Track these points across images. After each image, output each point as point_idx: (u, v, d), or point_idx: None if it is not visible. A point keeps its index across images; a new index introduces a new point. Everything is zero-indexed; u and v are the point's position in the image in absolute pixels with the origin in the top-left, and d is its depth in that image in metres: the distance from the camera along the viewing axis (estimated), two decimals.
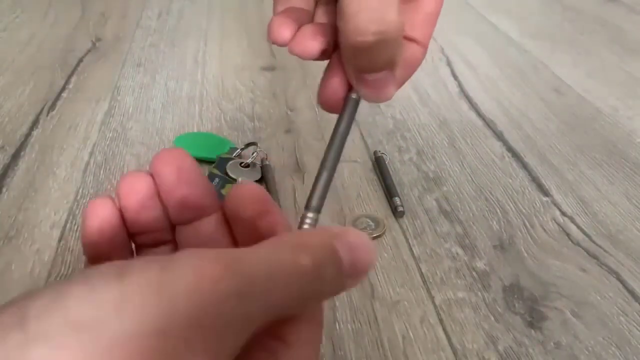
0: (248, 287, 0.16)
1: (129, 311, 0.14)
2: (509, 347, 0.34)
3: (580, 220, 0.45)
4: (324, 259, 0.18)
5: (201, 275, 0.15)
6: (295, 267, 0.17)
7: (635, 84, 0.68)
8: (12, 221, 0.43)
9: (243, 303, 0.16)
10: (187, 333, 0.15)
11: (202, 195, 0.22)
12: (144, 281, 0.15)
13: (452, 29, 0.83)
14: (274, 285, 0.16)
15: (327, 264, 0.18)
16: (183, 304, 0.15)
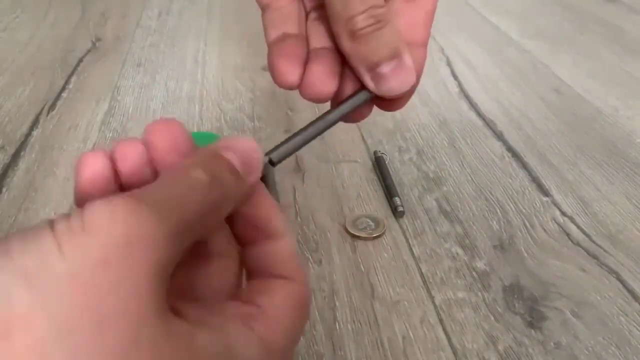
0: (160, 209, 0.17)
1: (68, 252, 0.15)
2: (509, 347, 0.34)
3: (580, 220, 0.45)
4: (215, 167, 0.20)
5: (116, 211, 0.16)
6: (194, 182, 0.19)
7: (635, 84, 0.68)
8: (12, 221, 0.43)
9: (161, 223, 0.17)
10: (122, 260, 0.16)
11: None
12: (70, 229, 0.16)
13: (452, 29, 0.83)
14: (184, 205, 0.18)
15: (220, 170, 0.20)
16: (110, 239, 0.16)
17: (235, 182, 0.21)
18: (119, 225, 0.16)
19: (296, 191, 0.47)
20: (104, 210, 0.16)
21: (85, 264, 0.15)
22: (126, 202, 0.17)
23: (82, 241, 0.16)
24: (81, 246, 0.16)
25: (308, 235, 0.42)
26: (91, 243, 0.16)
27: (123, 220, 0.16)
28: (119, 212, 0.16)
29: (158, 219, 0.17)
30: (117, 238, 0.16)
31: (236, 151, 0.21)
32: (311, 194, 0.47)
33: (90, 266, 0.15)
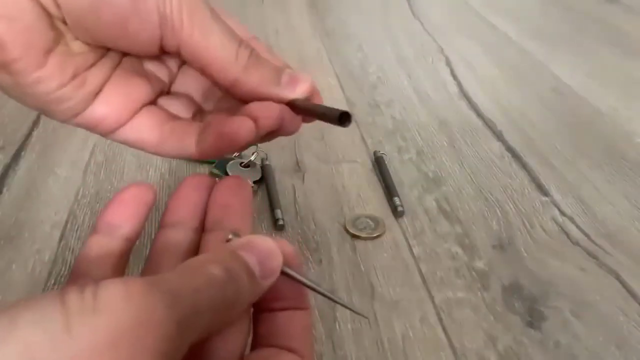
0: (173, 299, 0.17)
1: (76, 331, 0.15)
2: (508, 347, 0.34)
3: (580, 220, 0.45)
4: (233, 267, 0.20)
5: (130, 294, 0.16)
6: (210, 277, 0.19)
7: (634, 84, 0.68)
8: (12, 221, 0.44)
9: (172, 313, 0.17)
10: (129, 346, 0.16)
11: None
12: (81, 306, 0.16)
13: (452, 29, 0.83)
14: (195, 294, 0.18)
15: (238, 270, 0.20)
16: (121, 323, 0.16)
17: (251, 285, 0.21)
18: (132, 308, 0.16)
19: (296, 191, 0.47)
20: (119, 290, 0.16)
21: (93, 345, 0.15)
22: (142, 285, 0.17)
23: (92, 321, 0.15)
24: (91, 326, 0.15)
25: (308, 235, 0.43)
26: (101, 323, 0.15)
27: (136, 304, 0.16)
28: (133, 294, 0.16)
29: (170, 308, 0.17)
30: (128, 321, 0.16)
31: (256, 253, 0.21)
32: (311, 194, 0.47)
33: (97, 347, 0.15)
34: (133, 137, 0.28)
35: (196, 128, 0.28)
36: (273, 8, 0.90)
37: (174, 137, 0.28)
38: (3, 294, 0.37)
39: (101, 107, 0.27)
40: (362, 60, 0.73)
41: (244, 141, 0.26)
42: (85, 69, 0.26)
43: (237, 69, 0.26)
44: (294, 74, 0.28)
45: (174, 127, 0.28)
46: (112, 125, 0.27)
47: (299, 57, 0.73)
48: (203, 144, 0.27)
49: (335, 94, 0.64)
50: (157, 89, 0.29)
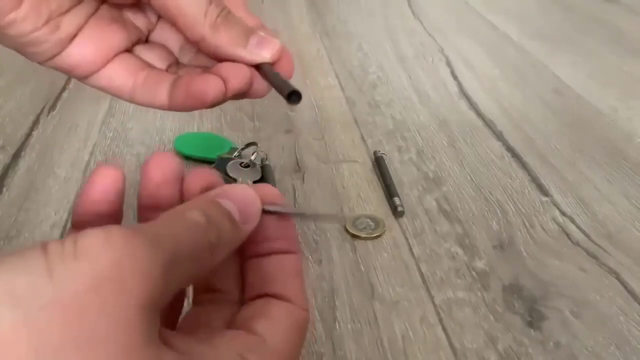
0: (153, 242, 0.17)
1: (58, 275, 0.15)
2: (508, 347, 0.34)
3: (580, 220, 0.45)
4: (212, 212, 0.20)
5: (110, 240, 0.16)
6: (190, 222, 0.19)
7: (634, 84, 0.68)
8: (12, 221, 0.44)
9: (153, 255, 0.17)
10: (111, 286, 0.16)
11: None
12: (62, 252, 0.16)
13: (452, 29, 0.83)
14: (176, 237, 0.18)
15: (218, 216, 0.21)
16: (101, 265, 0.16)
17: (232, 229, 0.21)
18: (112, 253, 0.16)
19: (296, 191, 0.47)
20: (99, 236, 0.16)
21: (75, 288, 0.15)
22: (122, 232, 0.17)
23: (73, 265, 0.15)
24: (72, 270, 0.15)
25: (308, 235, 0.43)
26: (82, 268, 0.15)
27: (117, 249, 0.16)
28: (114, 240, 0.16)
29: (152, 252, 0.17)
30: (109, 265, 0.16)
31: (234, 200, 0.22)
32: (311, 194, 0.47)
33: (79, 291, 0.15)
34: (107, 83, 0.29)
35: (169, 79, 0.28)
36: (273, 8, 0.90)
37: (147, 86, 0.28)
38: None
39: (75, 52, 0.28)
40: (362, 60, 0.73)
41: (212, 100, 0.26)
42: (59, 14, 0.27)
43: (205, 26, 0.26)
44: (263, 37, 0.28)
45: (147, 76, 0.29)
46: (87, 70, 0.28)
47: (299, 57, 0.73)
48: (173, 98, 0.27)
49: (335, 93, 0.64)
50: (134, 37, 0.30)
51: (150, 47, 0.31)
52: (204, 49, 0.28)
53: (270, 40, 0.29)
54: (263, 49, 0.28)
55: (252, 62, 0.28)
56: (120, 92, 0.29)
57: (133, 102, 0.29)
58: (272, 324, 0.21)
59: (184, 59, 0.31)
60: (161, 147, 0.53)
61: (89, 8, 0.28)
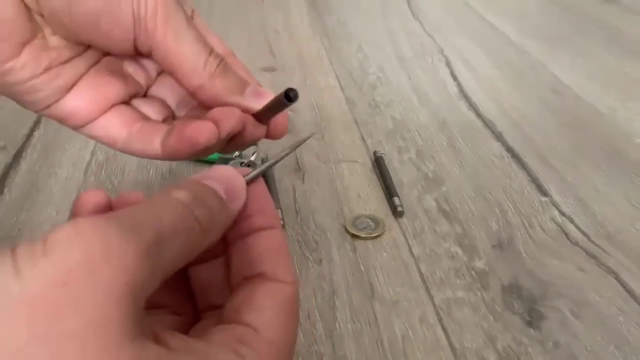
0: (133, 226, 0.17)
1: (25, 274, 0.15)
2: (507, 347, 0.35)
3: (579, 220, 0.45)
4: (198, 190, 0.21)
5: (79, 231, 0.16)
6: (174, 203, 0.19)
7: (633, 84, 0.68)
8: (13, 221, 0.44)
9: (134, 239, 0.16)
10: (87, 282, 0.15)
11: None
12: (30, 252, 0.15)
13: (452, 29, 0.83)
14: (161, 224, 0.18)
15: (204, 194, 0.21)
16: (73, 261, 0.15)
17: (220, 208, 0.21)
18: (82, 245, 0.15)
19: (296, 191, 0.48)
20: (67, 230, 0.16)
21: (42, 285, 0.15)
22: (92, 222, 0.16)
23: (41, 262, 0.15)
24: (39, 267, 0.15)
25: (308, 235, 0.43)
26: (50, 264, 0.15)
27: (86, 240, 0.16)
28: (82, 232, 0.16)
29: (128, 239, 0.16)
30: (78, 258, 0.15)
31: (218, 180, 0.22)
32: (311, 194, 0.47)
33: (46, 287, 0.15)
34: (101, 133, 0.29)
35: (163, 129, 0.28)
36: (273, 8, 0.90)
37: (141, 137, 0.28)
38: None
39: (72, 101, 0.28)
40: (362, 60, 0.73)
41: (205, 144, 0.26)
42: (59, 63, 0.27)
43: (204, 75, 0.27)
44: (258, 89, 0.29)
45: (142, 127, 0.29)
46: (82, 120, 0.28)
47: (299, 57, 0.73)
48: (166, 145, 0.27)
49: (335, 94, 0.64)
50: (132, 91, 0.30)
51: (148, 101, 0.31)
52: (201, 96, 0.28)
53: (265, 91, 0.29)
54: (259, 98, 0.29)
55: (248, 108, 0.29)
56: (113, 142, 0.29)
57: (125, 152, 0.29)
58: (260, 312, 0.21)
59: (181, 113, 0.32)
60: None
61: (89, 59, 0.28)
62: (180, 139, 0.26)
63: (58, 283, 0.15)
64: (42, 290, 0.15)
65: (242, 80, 0.29)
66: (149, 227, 0.17)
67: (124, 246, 0.16)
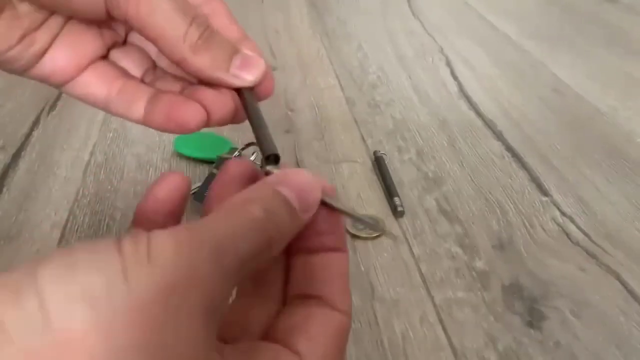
0: (218, 247, 0.18)
1: (132, 279, 0.15)
2: (508, 347, 0.34)
3: (580, 220, 0.45)
4: (272, 204, 0.20)
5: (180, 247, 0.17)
6: (251, 219, 0.19)
7: (634, 84, 0.68)
8: (12, 221, 0.44)
9: (218, 262, 0.17)
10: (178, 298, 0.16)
11: None
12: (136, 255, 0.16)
13: (452, 29, 0.83)
14: (238, 239, 0.18)
15: (277, 207, 0.20)
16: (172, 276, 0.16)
17: (290, 220, 0.21)
18: (182, 263, 0.16)
19: None
20: (170, 244, 0.17)
21: (147, 296, 0.15)
22: (190, 239, 0.17)
23: (146, 272, 0.16)
24: (145, 277, 0.16)
25: None
26: (154, 274, 0.16)
27: (186, 258, 0.16)
28: (183, 249, 0.17)
29: (216, 258, 0.17)
30: (178, 274, 0.16)
31: (293, 187, 0.21)
32: None
33: (151, 298, 0.15)
34: (82, 91, 0.28)
35: (145, 93, 0.27)
36: (273, 8, 0.90)
37: (122, 98, 0.28)
38: None
39: (49, 62, 0.27)
40: (362, 60, 0.73)
41: (193, 128, 0.26)
42: (33, 30, 0.26)
43: (185, 48, 0.25)
44: (246, 59, 0.27)
45: (122, 87, 0.28)
46: (61, 80, 0.28)
47: (299, 57, 0.73)
48: (152, 118, 0.27)
49: (335, 93, 0.64)
50: (110, 42, 0.29)
51: (127, 51, 0.30)
52: (185, 69, 0.27)
53: (253, 61, 0.27)
54: (246, 71, 0.27)
55: (233, 86, 0.27)
56: (95, 101, 0.28)
57: (108, 111, 0.28)
58: (313, 343, 0.21)
59: (162, 62, 0.31)
60: (161, 147, 0.53)
61: (61, 18, 0.27)
62: (168, 118, 0.26)
63: (159, 296, 0.16)
64: (147, 300, 0.15)
65: (229, 50, 0.27)
66: (231, 250, 0.18)
67: (214, 269, 0.17)
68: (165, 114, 0.26)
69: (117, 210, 0.45)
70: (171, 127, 0.26)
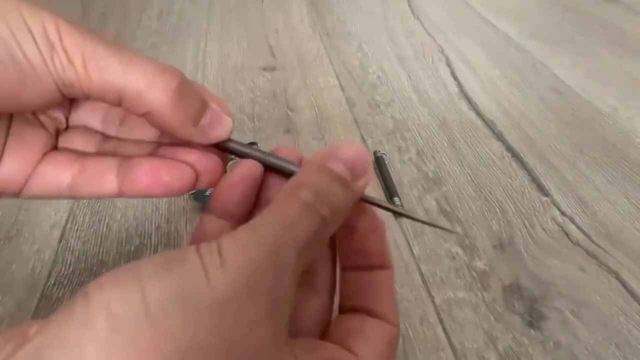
0: (277, 244, 0.19)
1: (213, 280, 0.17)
2: (508, 347, 0.34)
3: (580, 220, 0.45)
4: (321, 183, 0.21)
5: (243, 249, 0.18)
6: (300, 204, 0.20)
7: (634, 84, 0.68)
8: (12, 221, 0.44)
9: (280, 256, 0.18)
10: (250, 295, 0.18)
11: None
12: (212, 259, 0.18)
13: (452, 29, 0.83)
14: (293, 229, 0.19)
15: (327, 184, 0.21)
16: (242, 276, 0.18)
17: (344, 193, 0.21)
18: (246, 263, 0.18)
19: None
20: (235, 247, 0.18)
21: (225, 294, 0.17)
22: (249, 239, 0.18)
23: (222, 273, 0.17)
24: (222, 277, 0.17)
25: None
26: (228, 276, 0.17)
27: (249, 258, 0.18)
28: (245, 250, 0.18)
29: (276, 253, 0.18)
30: (246, 274, 0.18)
31: (343, 159, 0.22)
32: None
33: (228, 295, 0.17)
34: (41, 188, 0.25)
35: (112, 163, 0.25)
36: (273, 8, 0.90)
37: (89, 176, 0.25)
38: (3, 293, 0.37)
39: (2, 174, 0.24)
40: (362, 59, 0.73)
41: (183, 191, 0.24)
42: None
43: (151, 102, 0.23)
44: (215, 114, 0.25)
45: (84, 166, 0.25)
46: (16, 189, 0.25)
47: (298, 56, 0.73)
48: (131, 186, 0.24)
49: (335, 93, 0.64)
50: (53, 130, 0.26)
51: (73, 133, 0.27)
52: (150, 122, 0.24)
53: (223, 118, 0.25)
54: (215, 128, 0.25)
55: (202, 142, 0.25)
56: (59, 191, 0.25)
57: (77, 196, 0.25)
58: (370, 346, 0.22)
59: (111, 131, 0.28)
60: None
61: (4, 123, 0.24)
62: (156, 182, 0.24)
63: (235, 293, 0.17)
64: (225, 299, 0.17)
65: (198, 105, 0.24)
66: (291, 245, 0.19)
67: (278, 270, 0.18)
68: (150, 178, 0.24)
69: (117, 210, 0.45)
70: (157, 192, 0.24)
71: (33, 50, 0.21)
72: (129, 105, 0.23)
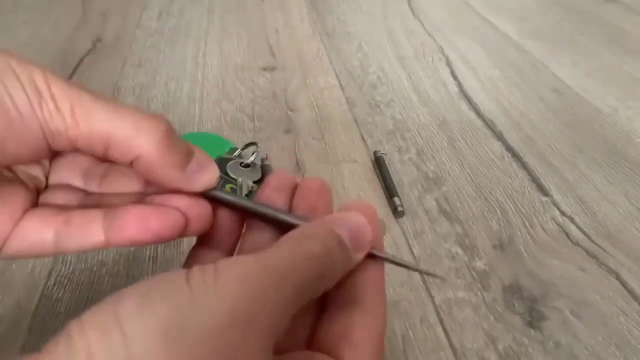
0: (281, 277, 0.19)
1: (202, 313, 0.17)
2: (508, 347, 0.34)
3: (580, 220, 0.45)
4: (330, 243, 0.22)
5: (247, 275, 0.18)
6: (310, 254, 0.21)
7: (634, 84, 0.68)
8: None
9: (280, 290, 0.19)
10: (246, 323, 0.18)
11: None
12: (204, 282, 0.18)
13: (452, 29, 0.83)
14: (299, 271, 0.20)
15: (334, 246, 0.22)
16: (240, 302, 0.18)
17: (343, 259, 0.22)
18: (248, 289, 0.18)
19: None
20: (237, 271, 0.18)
21: (215, 322, 0.17)
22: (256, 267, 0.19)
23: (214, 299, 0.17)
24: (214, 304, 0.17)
25: None
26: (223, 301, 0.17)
27: (252, 285, 0.18)
28: (250, 276, 0.18)
29: (280, 285, 0.19)
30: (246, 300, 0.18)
31: (348, 228, 0.23)
32: None
33: (219, 325, 0.17)
34: (22, 246, 0.24)
35: (96, 214, 0.24)
36: (273, 8, 0.90)
37: (74, 228, 0.24)
38: (3, 293, 0.37)
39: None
40: (362, 59, 0.73)
41: (173, 238, 0.24)
42: None
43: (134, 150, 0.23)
44: (201, 162, 0.25)
45: (68, 218, 0.24)
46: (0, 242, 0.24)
47: (298, 56, 0.73)
48: (119, 234, 0.24)
49: (335, 93, 0.64)
50: (33, 188, 0.26)
51: (54, 189, 0.26)
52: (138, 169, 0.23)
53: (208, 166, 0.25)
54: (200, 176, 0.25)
55: (187, 190, 0.25)
56: (43, 247, 0.24)
57: (61, 252, 0.24)
58: (357, 351, 0.22)
59: (92, 187, 0.27)
60: None
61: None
62: (146, 229, 0.23)
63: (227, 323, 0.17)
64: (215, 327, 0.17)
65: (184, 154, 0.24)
66: (293, 283, 0.19)
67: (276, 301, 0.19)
68: (138, 224, 0.23)
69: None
70: (146, 239, 0.23)
71: (21, 96, 0.21)
72: (117, 152, 0.23)
